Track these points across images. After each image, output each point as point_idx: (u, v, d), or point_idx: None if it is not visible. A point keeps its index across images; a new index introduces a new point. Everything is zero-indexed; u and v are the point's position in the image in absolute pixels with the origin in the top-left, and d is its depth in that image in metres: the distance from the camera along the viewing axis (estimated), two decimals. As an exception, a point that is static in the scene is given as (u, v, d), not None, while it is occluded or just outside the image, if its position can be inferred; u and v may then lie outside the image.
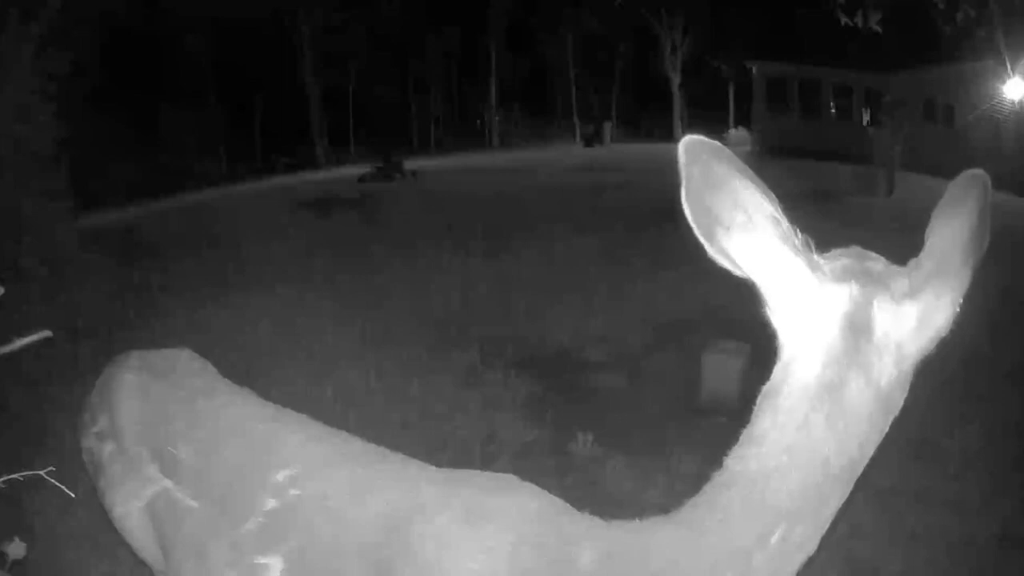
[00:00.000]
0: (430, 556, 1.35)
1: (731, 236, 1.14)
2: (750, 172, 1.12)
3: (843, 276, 1.13)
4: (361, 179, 20.36)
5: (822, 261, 1.15)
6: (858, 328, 1.11)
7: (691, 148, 1.12)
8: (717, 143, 1.13)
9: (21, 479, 1.77)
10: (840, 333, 1.11)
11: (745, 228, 1.13)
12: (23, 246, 7.05)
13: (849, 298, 1.11)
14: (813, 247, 1.16)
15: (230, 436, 1.78)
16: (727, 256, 1.16)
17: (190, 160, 25.91)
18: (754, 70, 24.24)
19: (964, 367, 4.47)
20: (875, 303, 1.10)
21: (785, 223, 1.13)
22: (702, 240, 1.15)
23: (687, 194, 1.13)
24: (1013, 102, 15.55)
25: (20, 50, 7.60)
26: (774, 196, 1.13)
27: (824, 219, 9.85)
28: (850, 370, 1.11)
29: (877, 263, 1.16)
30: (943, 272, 1.10)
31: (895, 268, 1.15)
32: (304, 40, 30.02)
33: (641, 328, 6.67)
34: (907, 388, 1.15)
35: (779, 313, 1.17)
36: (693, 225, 1.15)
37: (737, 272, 1.17)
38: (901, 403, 1.16)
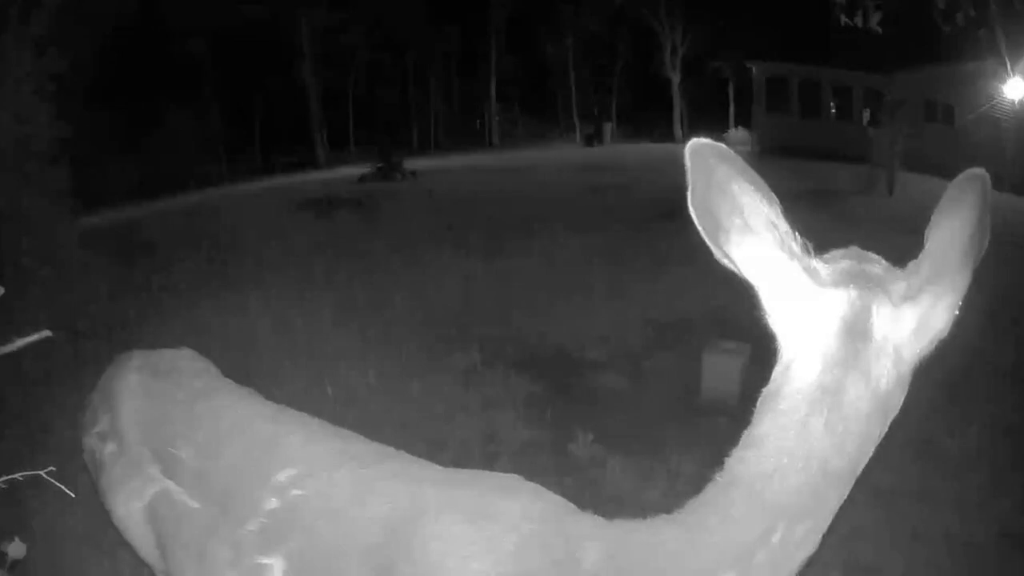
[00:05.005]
0: (433, 557, 1.35)
1: (730, 240, 1.15)
2: (752, 175, 1.13)
3: (841, 280, 1.13)
4: (361, 179, 20.36)
5: (820, 264, 1.15)
6: (856, 332, 1.11)
7: (697, 151, 1.13)
8: (722, 146, 1.13)
9: (21, 479, 1.77)
10: (838, 337, 1.12)
11: (742, 232, 1.14)
12: (23, 246, 7.04)
13: (847, 302, 1.12)
14: (812, 250, 1.16)
15: (231, 436, 1.78)
16: (730, 259, 1.16)
17: (190, 160, 25.87)
18: (754, 70, 24.24)
19: (964, 367, 4.47)
20: (873, 307, 1.10)
21: (783, 227, 1.13)
22: (708, 243, 1.16)
23: (693, 198, 1.14)
24: (1013, 102, 15.55)
25: (20, 50, 7.59)
26: (775, 199, 1.13)
27: (824, 219, 9.86)
28: (848, 374, 1.11)
29: (876, 265, 1.16)
30: (942, 274, 1.10)
31: (894, 271, 1.15)
32: (304, 40, 30.00)
33: (641, 328, 6.67)
34: (906, 389, 1.16)
35: (778, 317, 1.18)
36: (700, 228, 1.16)
37: (741, 274, 1.18)
38: (900, 404, 1.16)
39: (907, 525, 3.61)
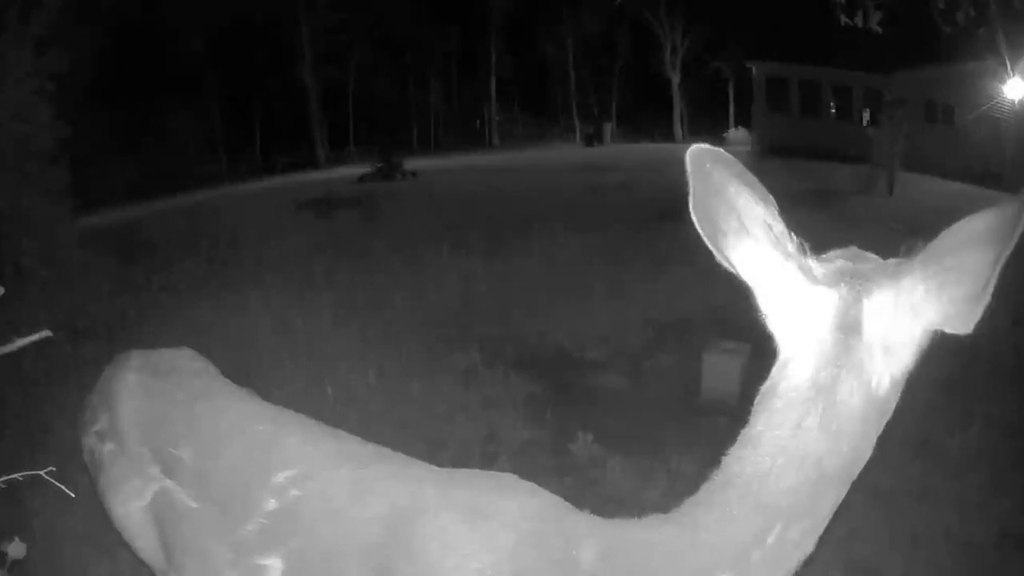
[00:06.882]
0: (432, 556, 1.35)
1: (727, 241, 1.17)
2: (748, 177, 1.14)
3: (834, 279, 1.14)
4: (361, 179, 20.41)
5: (815, 264, 1.16)
6: (849, 329, 1.11)
7: (696, 157, 1.15)
8: (720, 151, 1.15)
9: (21, 479, 1.77)
10: (831, 335, 1.12)
11: (738, 234, 1.16)
12: (23, 246, 7.05)
13: (840, 300, 1.12)
14: (808, 250, 1.17)
15: (231, 437, 1.78)
16: (728, 261, 1.18)
17: (190, 160, 25.91)
18: (754, 70, 24.26)
19: (964, 367, 4.47)
20: (866, 305, 1.11)
21: (778, 228, 1.14)
22: (710, 246, 1.18)
23: (693, 202, 1.17)
24: (1013, 102, 15.54)
25: (20, 50, 7.60)
26: (771, 200, 1.15)
27: (824, 219, 9.87)
28: (842, 372, 1.12)
29: (872, 264, 1.17)
30: (940, 275, 1.09)
31: (890, 270, 1.15)
32: (304, 40, 30.02)
33: (641, 328, 6.67)
34: (901, 388, 1.16)
35: (775, 316, 1.19)
36: (700, 232, 1.18)
37: (740, 275, 1.19)
38: (894, 404, 1.16)
39: (907, 525, 3.61)
